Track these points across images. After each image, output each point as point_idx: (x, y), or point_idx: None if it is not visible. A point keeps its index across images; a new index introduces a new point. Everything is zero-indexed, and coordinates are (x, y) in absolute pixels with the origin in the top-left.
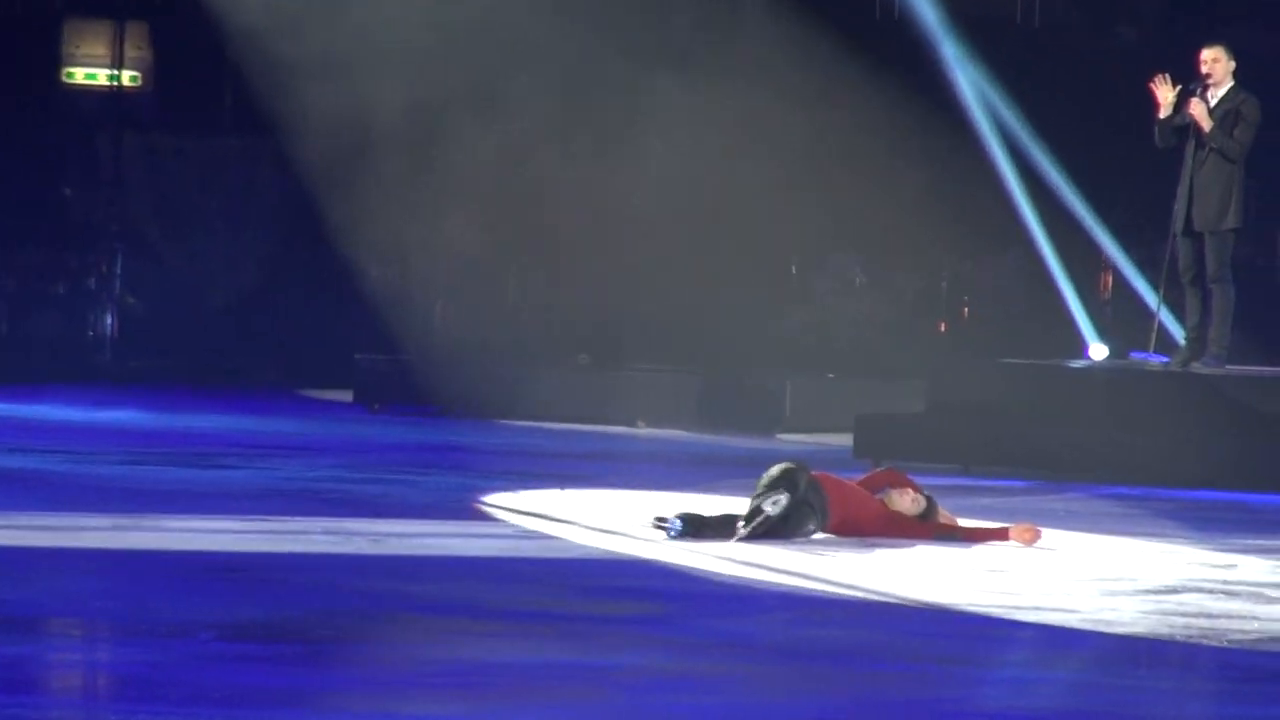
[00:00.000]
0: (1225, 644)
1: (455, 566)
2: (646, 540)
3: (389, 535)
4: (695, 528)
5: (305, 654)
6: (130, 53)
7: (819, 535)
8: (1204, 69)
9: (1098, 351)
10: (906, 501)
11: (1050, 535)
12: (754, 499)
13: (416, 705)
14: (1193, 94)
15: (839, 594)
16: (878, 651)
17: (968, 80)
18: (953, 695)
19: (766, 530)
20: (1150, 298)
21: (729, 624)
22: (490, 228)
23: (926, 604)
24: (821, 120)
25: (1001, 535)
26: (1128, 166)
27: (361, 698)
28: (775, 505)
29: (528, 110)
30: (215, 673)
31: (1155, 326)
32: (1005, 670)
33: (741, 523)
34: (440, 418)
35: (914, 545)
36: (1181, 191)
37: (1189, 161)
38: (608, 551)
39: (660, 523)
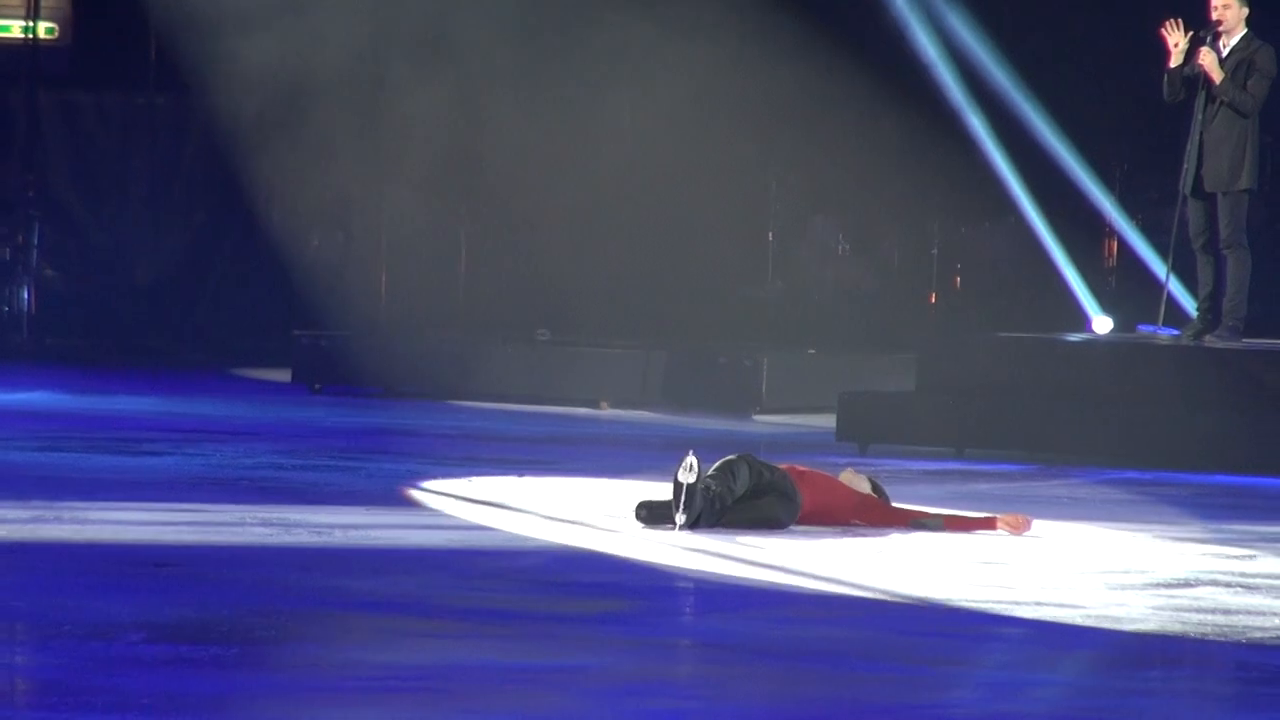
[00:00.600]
0: (1244, 642)
1: (404, 560)
2: (611, 532)
3: (331, 526)
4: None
5: (241, 657)
6: (46, 2)
7: (794, 527)
8: (1214, 15)
9: (1102, 324)
10: (862, 483)
11: (1050, 524)
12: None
13: (363, 713)
14: (1203, 42)
15: (821, 589)
16: (864, 652)
17: (949, 31)
18: (945, 699)
19: (721, 517)
20: (1158, 266)
21: (704, 622)
22: (439, 191)
23: (916, 599)
24: (800, 75)
25: (988, 525)
26: (1130, 123)
27: (303, 705)
28: (689, 471)
29: (478, 60)
30: (142, 678)
31: (1164, 297)
32: (1002, 672)
33: (680, 513)
34: (386, 399)
35: (889, 535)
36: (1191, 149)
37: (1199, 116)
38: (569, 544)
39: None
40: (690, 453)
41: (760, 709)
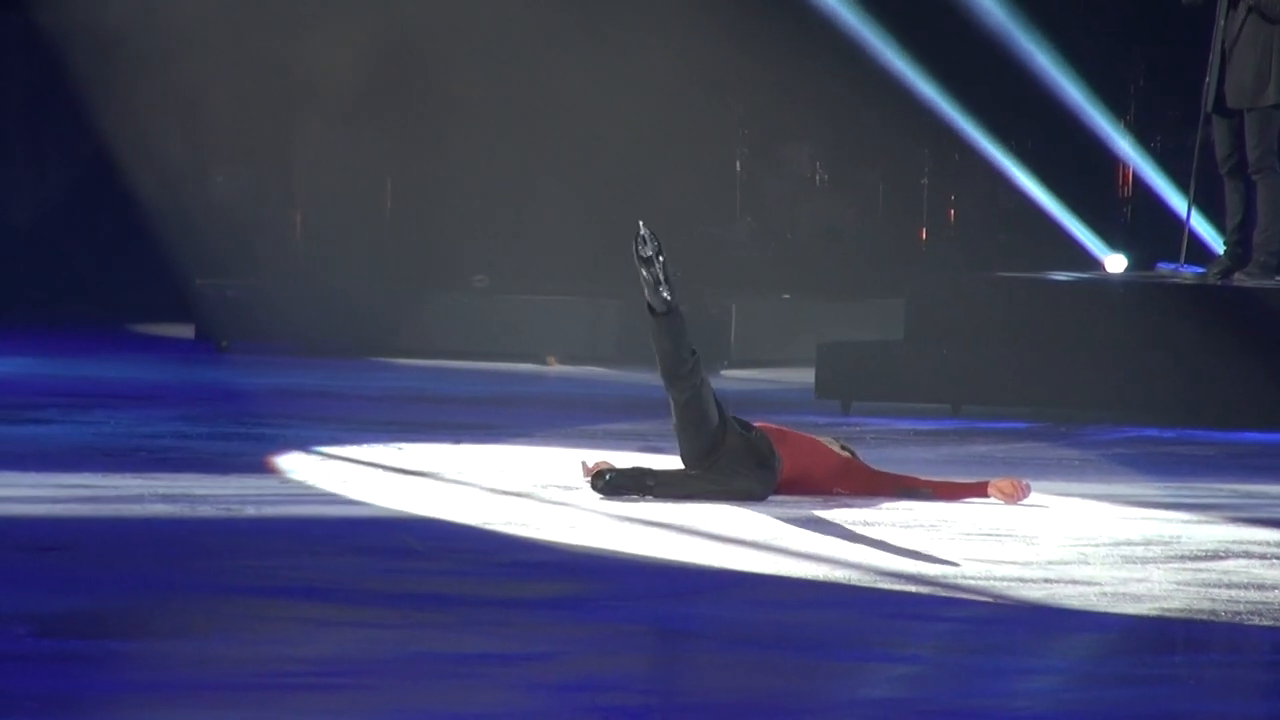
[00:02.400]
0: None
1: (325, 540)
2: (561, 505)
3: (243, 502)
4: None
5: (142, 653)
6: None
7: (772, 497)
8: None
9: (1115, 263)
10: (836, 447)
11: (1058, 490)
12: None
13: (282, 715)
14: None
15: (803, 569)
16: (851, 639)
17: None
18: (944, 691)
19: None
20: (1178, 196)
21: (666, 606)
22: (361, 120)
23: (910, 577)
24: None
25: (979, 491)
26: (1143, 32)
27: (212, 707)
28: (645, 243)
29: None
30: (28, 678)
31: (1185, 231)
32: (1008, 658)
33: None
34: (303, 356)
35: (876, 505)
36: (1213, 61)
37: (1221, 22)
38: (513, 520)
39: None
40: (639, 223)
41: (733, 704)
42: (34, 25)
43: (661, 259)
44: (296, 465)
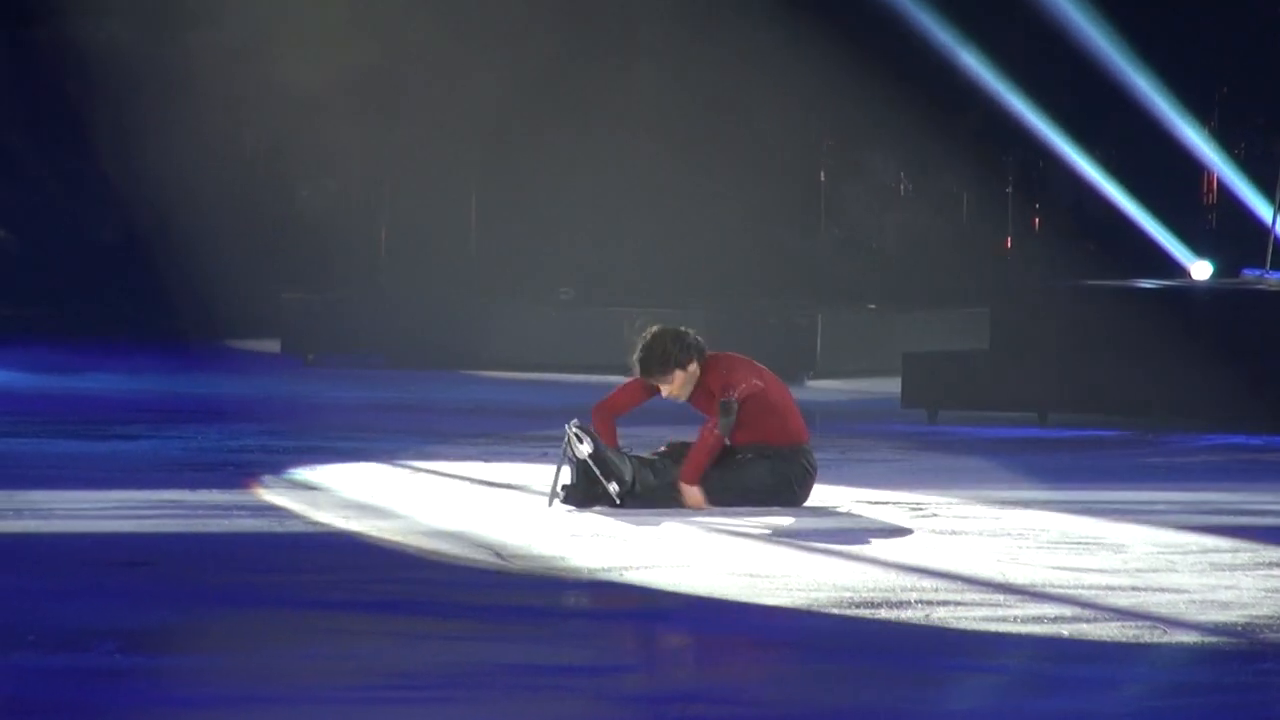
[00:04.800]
0: None
1: (411, 552)
2: (640, 516)
3: (330, 515)
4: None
5: (232, 667)
6: None
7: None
8: None
9: (1200, 270)
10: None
11: (1145, 497)
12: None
13: None
14: None
15: (888, 580)
16: (942, 648)
17: None
18: (1033, 700)
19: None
20: (1263, 202)
21: (749, 616)
22: (447, 136)
23: (999, 586)
24: None
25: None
26: (1230, 39)
27: (304, 718)
28: (581, 443)
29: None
30: (117, 693)
31: (1271, 237)
32: (1094, 666)
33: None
34: (389, 369)
35: (961, 512)
36: None
37: None
38: (596, 531)
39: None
40: (569, 424)
41: (824, 713)
42: (119, 43)
43: (612, 450)
44: (383, 479)
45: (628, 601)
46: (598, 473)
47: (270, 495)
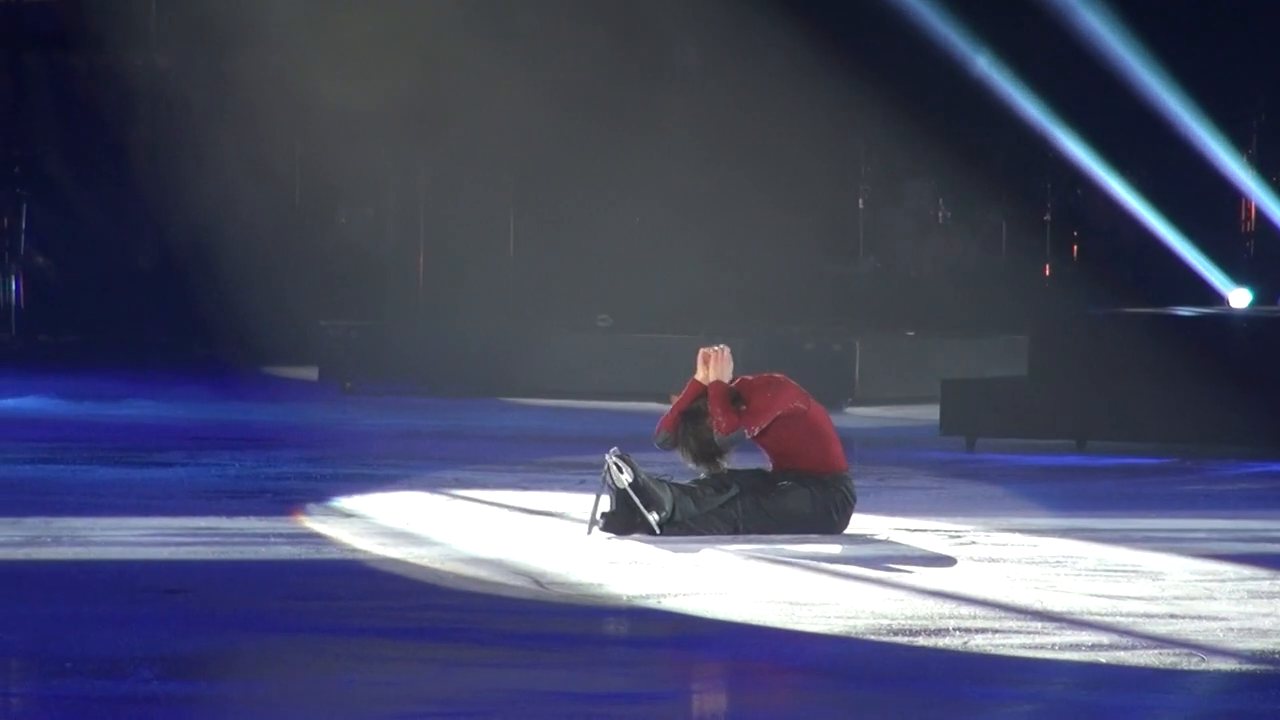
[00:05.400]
0: None
1: (449, 579)
2: (678, 544)
3: (367, 542)
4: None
5: (270, 694)
6: None
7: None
8: None
9: (1239, 298)
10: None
11: (1183, 524)
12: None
13: None
14: None
15: (927, 608)
16: (980, 676)
17: None
18: None
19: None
20: None
21: (786, 644)
22: (485, 163)
23: (1036, 613)
24: (892, 18)
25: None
26: (1268, 67)
27: None
28: (621, 473)
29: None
30: None
31: None
32: (1131, 694)
33: (650, 513)
34: (427, 397)
35: (996, 535)
36: None
37: None
38: (634, 559)
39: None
40: (609, 453)
41: None
42: (156, 69)
43: (655, 479)
44: (421, 506)
45: (666, 629)
46: (637, 502)
47: (308, 522)
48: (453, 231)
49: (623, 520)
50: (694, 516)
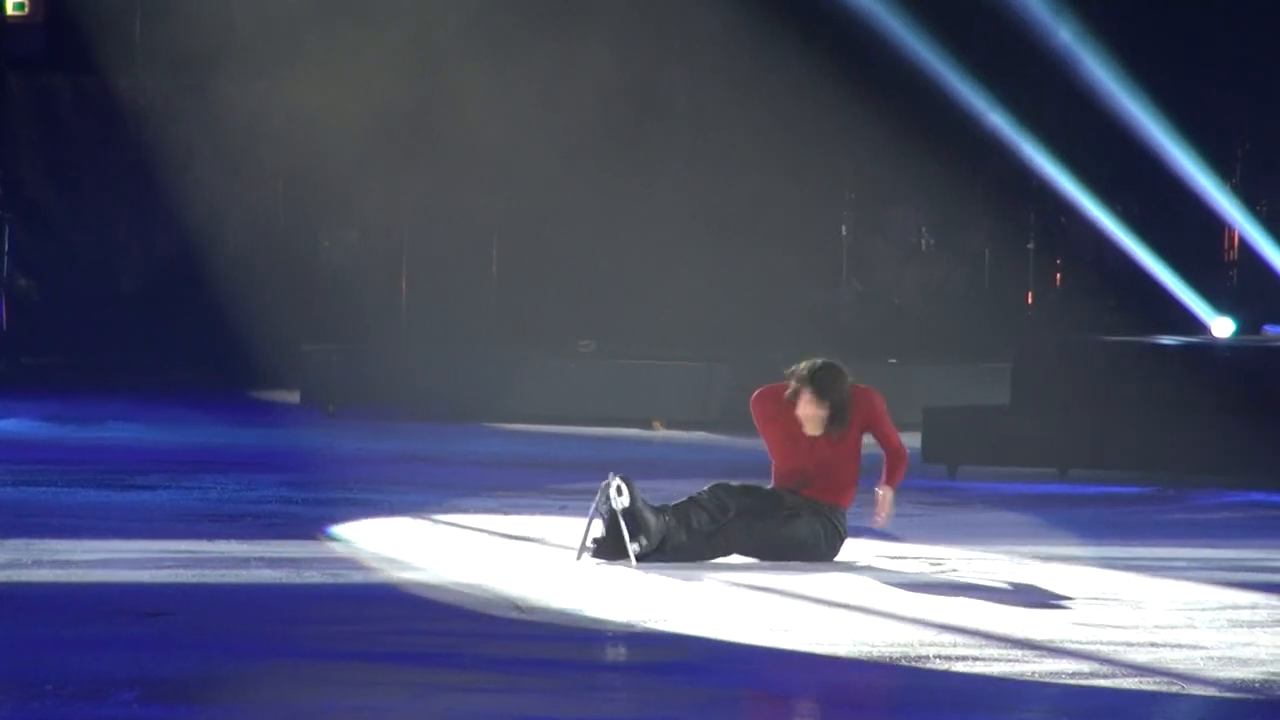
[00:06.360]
0: None
1: (429, 604)
2: (660, 570)
3: (348, 566)
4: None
5: (248, 717)
6: None
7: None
8: None
9: (1222, 327)
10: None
11: (1164, 553)
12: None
13: None
14: None
15: (907, 635)
16: (960, 704)
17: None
18: None
19: (709, 539)
20: None
21: (769, 670)
22: (468, 188)
23: (1017, 641)
24: (877, 43)
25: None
26: (1250, 98)
27: None
28: (619, 495)
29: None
30: None
31: None
32: None
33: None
34: (409, 421)
35: (980, 561)
36: None
37: None
38: (615, 586)
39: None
40: (611, 475)
41: None
42: (140, 91)
43: (654, 507)
44: (402, 531)
45: (646, 655)
46: (624, 527)
47: (288, 547)
48: (436, 256)
49: (612, 546)
50: (681, 545)
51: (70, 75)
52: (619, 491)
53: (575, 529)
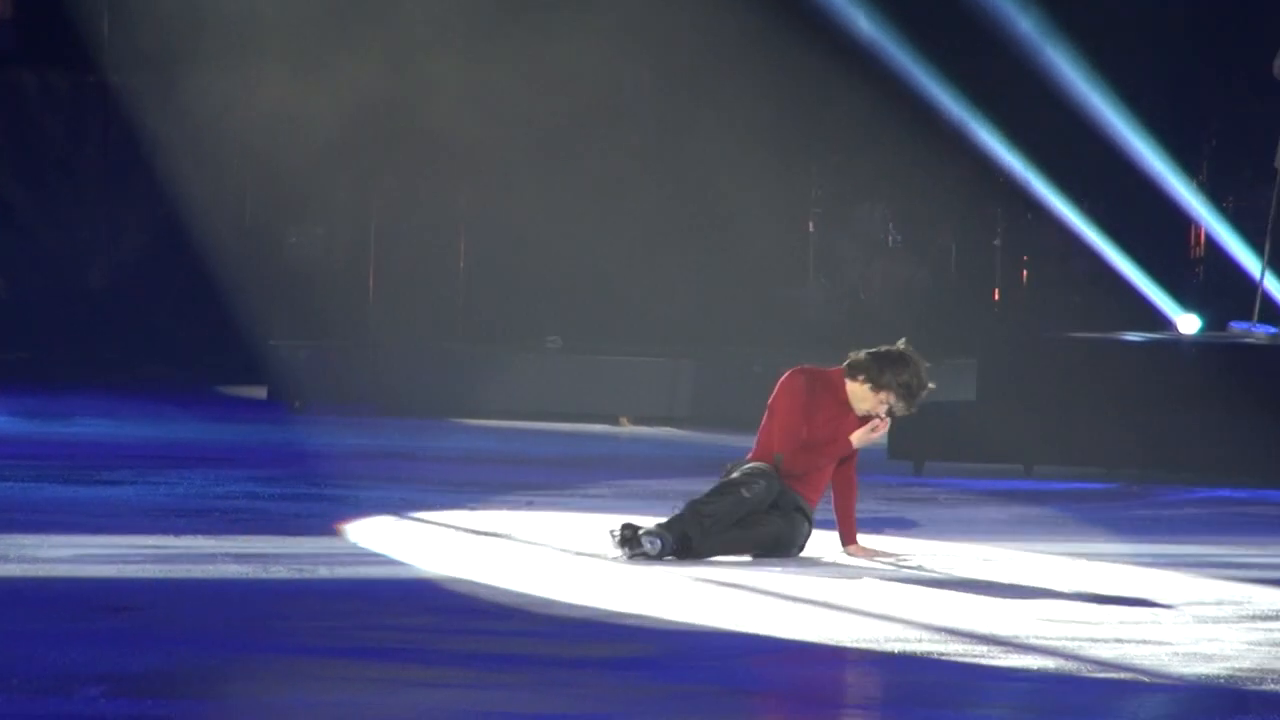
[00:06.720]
0: None
1: (396, 599)
2: (628, 566)
3: (315, 562)
4: (680, 540)
5: (216, 712)
6: None
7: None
8: None
9: (1188, 323)
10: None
11: (1129, 549)
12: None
13: None
14: None
15: (874, 631)
16: (926, 700)
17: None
18: None
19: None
20: (1250, 256)
21: (735, 667)
22: (436, 183)
23: (983, 637)
24: (842, 40)
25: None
26: (1217, 93)
27: None
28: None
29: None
30: None
31: (1258, 291)
32: (1080, 718)
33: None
34: (377, 417)
35: (947, 558)
36: None
37: None
38: (581, 581)
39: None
40: (610, 532)
41: None
42: (108, 87)
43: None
44: (369, 526)
45: (615, 649)
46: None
47: (255, 542)
48: (403, 251)
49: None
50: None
51: (38, 71)
52: (651, 544)
53: (542, 524)
